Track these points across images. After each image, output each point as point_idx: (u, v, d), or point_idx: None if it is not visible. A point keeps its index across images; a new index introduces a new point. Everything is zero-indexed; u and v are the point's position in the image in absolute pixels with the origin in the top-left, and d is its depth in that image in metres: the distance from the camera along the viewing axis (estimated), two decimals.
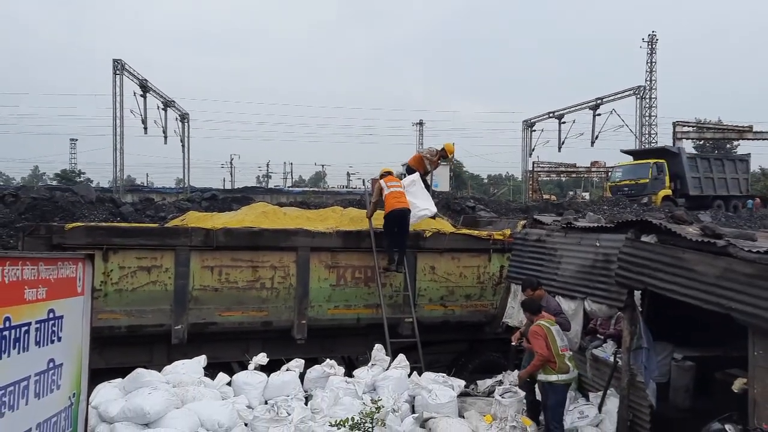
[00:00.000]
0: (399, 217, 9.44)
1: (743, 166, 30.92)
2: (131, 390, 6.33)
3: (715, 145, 72.07)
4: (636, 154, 32.67)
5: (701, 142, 66.84)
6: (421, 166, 11.81)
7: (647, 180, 28.34)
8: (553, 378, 6.50)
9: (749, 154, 32.02)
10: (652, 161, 29.22)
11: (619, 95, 40.68)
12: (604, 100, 40.39)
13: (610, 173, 36.11)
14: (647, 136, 44.78)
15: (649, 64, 48.98)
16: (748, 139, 31.16)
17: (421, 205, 10.05)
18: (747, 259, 5.41)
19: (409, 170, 11.90)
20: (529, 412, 7.05)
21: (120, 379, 6.72)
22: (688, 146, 48.24)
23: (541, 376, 6.60)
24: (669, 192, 27.85)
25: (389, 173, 10.20)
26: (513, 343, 7.71)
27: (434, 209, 10.28)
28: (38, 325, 3.92)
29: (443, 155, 12.15)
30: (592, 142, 41.73)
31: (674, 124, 29.34)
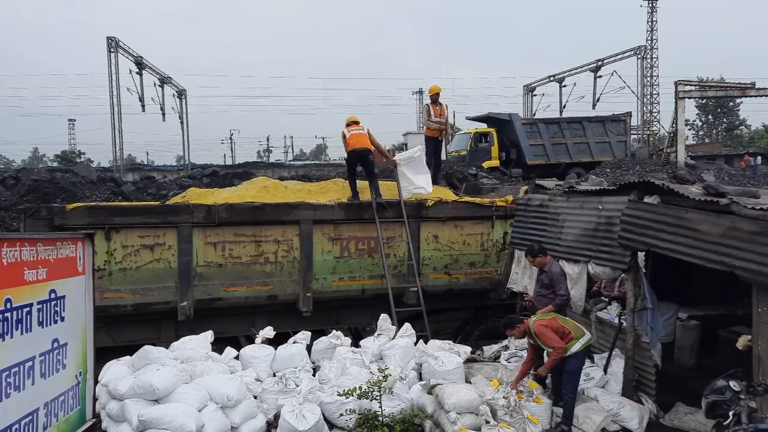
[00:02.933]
0: (357, 156, 9.82)
1: (618, 127, 26.96)
2: (140, 367, 6.37)
3: (718, 103, 71.58)
4: (479, 121, 28.31)
5: (704, 101, 66.38)
6: (434, 132, 12.06)
7: (466, 152, 25.20)
8: (577, 346, 6.44)
9: (629, 113, 28.08)
10: (472, 131, 26.12)
11: (619, 56, 40.22)
12: (604, 61, 39.94)
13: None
14: (649, 96, 44.51)
15: (649, 23, 48.39)
16: (751, 96, 30.54)
17: (417, 183, 10.15)
18: (750, 216, 5.39)
19: (427, 140, 12.37)
20: (535, 376, 7.08)
21: (128, 356, 6.76)
22: (690, 105, 47.78)
23: (569, 351, 6.51)
24: (496, 163, 24.52)
25: (353, 122, 10.20)
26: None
27: (430, 189, 10.27)
28: (40, 306, 3.94)
29: (433, 99, 12.41)
30: (594, 105, 41.35)
31: (676, 84, 28.77)
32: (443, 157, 13.92)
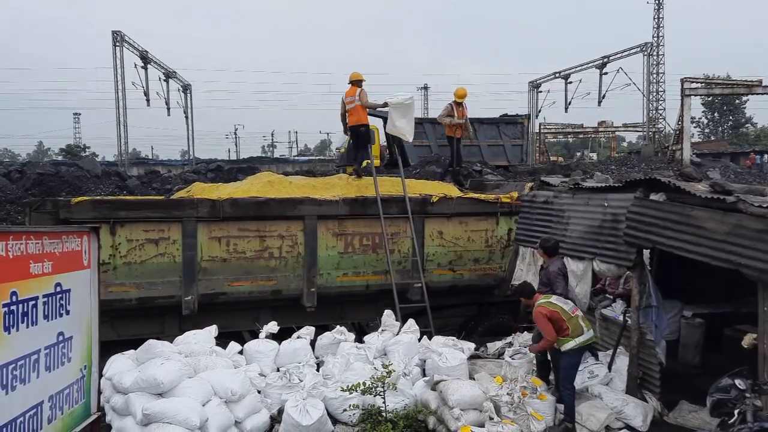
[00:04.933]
0: (353, 132, 10.88)
1: (514, 130, 24.46)
2: (144, 361, 6.37)
3: (724, 100, 71.33)
4: (373, 116, 26.63)
5: (710, 98, 66.13)
6: (454, 130, 12.43)
7: (344, 149, 22.82)
8: (571, 345, 6.45)
9: (527, 115, 25.99)
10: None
11: (625, 53, 40.11)
12: (610, 58, 39.84)
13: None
14: (655, 93, 44.35)
15: (656, 20, 48.18)
16: (758, 93, 30.43)
17: (399, 125, 10.48)
18: (757, 214, 5.37)
19: (450, 140, 12.75)
20: (538, 372, 7.08)
21: (132, 350, 6.77)
22: (696, 103, 47.55)
23: (563, 346, 6.54)
24: (377, 163, 21.39)
25: (353, 82, 10.69)
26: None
27: (410, 138, 10.70)
28: (45, 299, 3.95)
29: (457, 102, 12.49)
30: (599, 102, 41.32)
31: (682, 81, 28.65)
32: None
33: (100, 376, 5.37)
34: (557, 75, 43.81)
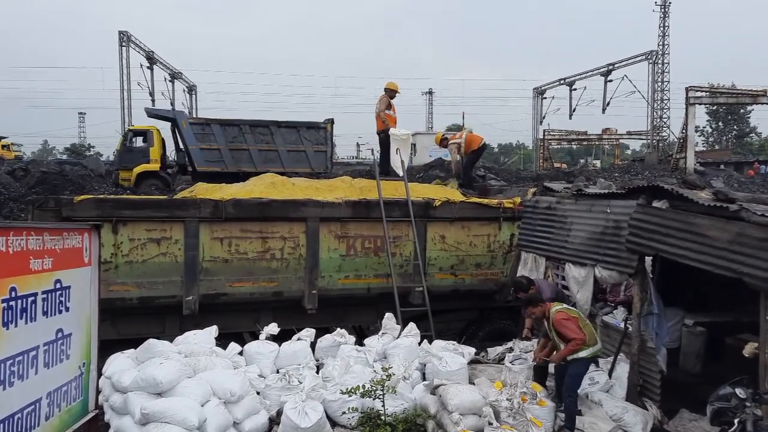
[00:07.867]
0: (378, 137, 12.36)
1: (317, 135, 21.94)
2: (144, 360, 6.36)
3: (729, 110, 71.28)
4: (156, 117, 22.58)
5: (714, 107, 66.07)
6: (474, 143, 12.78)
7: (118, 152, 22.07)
8: (584, 353, 6.40)
9: (330, 120, 22.62)
10: (135, 128, 22.27)
11: (631, 61, 40.17)
12: (615, 65, 39.90)
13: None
14: (659, 101, 44.31)
15: (661, 29, 48.13)
16: (763, 103, 30.34)
17: (393, 160, 11.23)
18: (760, 223, 5.35)
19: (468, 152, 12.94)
20: (535, 378, 7.04)
21: (132, 349, 6.76)
22: (700, 111, 47.42)
23: (575, 354, 6.50)
24: (155, 167, 21.01)
25: (385, 89, 12.32)
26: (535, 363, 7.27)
27: (400, 173, 10.95)
28: (45, 296, 3.95)
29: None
30: (604, 109, 41.37)
31: (687, 89, 28.60)
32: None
33: (100, 374, 5.37)
34: (562, 82, 43.89)
